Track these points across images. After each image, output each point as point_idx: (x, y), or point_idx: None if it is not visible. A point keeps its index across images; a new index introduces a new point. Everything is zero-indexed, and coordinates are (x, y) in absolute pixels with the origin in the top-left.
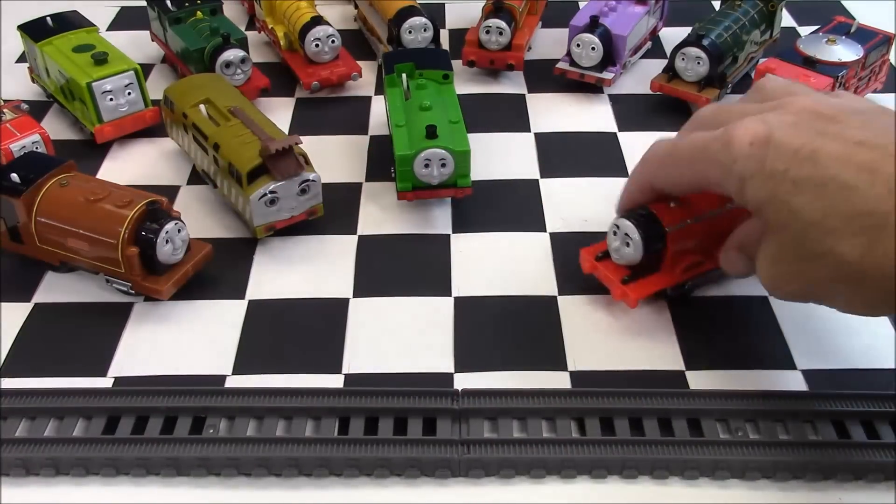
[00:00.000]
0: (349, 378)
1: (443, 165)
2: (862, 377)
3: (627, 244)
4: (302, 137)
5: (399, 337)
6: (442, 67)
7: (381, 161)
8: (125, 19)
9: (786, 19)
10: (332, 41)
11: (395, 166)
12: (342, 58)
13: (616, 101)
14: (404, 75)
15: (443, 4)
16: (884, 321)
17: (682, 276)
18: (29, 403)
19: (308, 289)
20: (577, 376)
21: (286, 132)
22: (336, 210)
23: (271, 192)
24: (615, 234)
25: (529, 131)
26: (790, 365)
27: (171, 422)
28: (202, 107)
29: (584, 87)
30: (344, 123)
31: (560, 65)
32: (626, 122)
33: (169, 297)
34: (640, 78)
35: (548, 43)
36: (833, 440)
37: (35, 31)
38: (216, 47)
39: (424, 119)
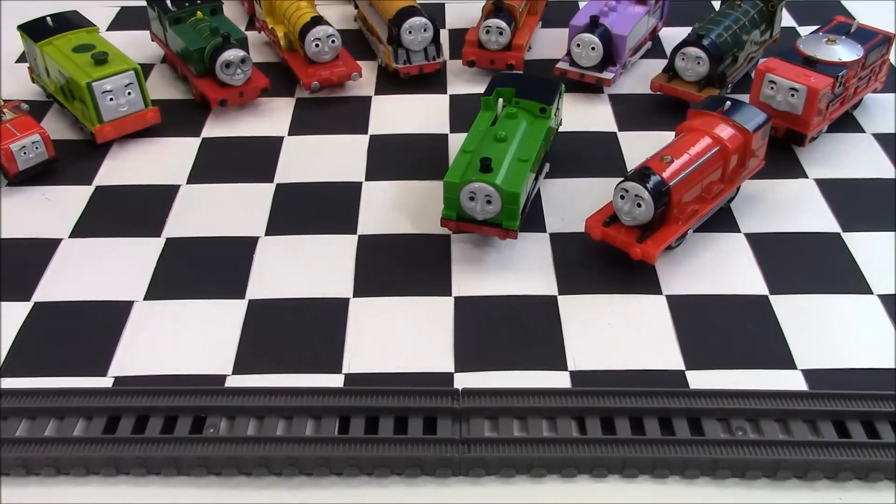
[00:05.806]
0: (349, 378)
1: (488, 202)
2: (862, 377)
3: (639, 205)
4: (302, 137)
5: (399, 337)
6: (545, 100)
7: (382, 161)
8: (125, 19)
9: (786, 19)
10: (332, 41)
11: (443, 191)
12: (342, 58)
13: (616, 101)
14: (500, 101)
15: (443, 4)
16: (884, 321)
17: (686, 223)
18: (29, 403)
19: (308, 289)
20: (577, 376)
21: (286, 132)
22: (336, 210)
23: None
24: (623, 197)
25: None
26: (790, 365)
27: (171, 422)
28: None
29: (584, 87)
30: (344, 123)
31: (560, 65)
32: (626, 122)
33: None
34: (640, 78)
35: (548, 43)
36: (833, 440)
37: (35, 31)
38: (216, 47)
39: (494, 150)
